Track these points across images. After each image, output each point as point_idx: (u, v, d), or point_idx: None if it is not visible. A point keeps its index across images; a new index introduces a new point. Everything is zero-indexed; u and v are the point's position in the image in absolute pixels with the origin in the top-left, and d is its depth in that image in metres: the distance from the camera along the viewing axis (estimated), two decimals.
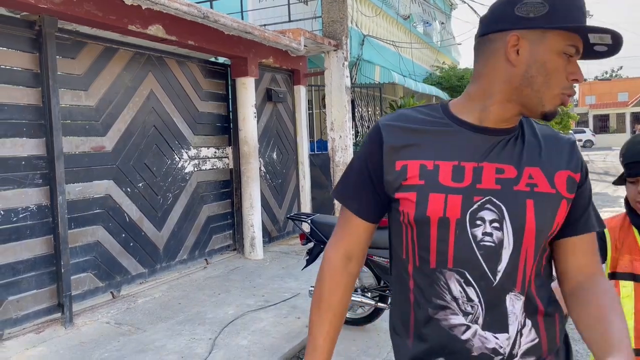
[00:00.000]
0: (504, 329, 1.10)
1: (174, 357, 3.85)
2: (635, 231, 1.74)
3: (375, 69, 10.74)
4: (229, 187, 6.91)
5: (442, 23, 17.94)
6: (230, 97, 6.90)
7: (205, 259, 6.44)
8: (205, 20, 5.37)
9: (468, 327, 1.10)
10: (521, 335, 1.11)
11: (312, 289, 1.35)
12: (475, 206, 1.09)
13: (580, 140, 36.25)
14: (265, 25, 9.11)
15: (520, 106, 1.11)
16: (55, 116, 4.39)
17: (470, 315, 1.10)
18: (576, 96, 47.82)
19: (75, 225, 4.69)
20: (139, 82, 5.49)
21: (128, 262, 5.29)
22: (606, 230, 1.77)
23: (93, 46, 4.96)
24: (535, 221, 1.09)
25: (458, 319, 1.11)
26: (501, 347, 1.10)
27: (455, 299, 1.11)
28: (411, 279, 1.16)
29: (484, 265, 1.09)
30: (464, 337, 1.11)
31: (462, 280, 1.10)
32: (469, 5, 20.55)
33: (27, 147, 4.29)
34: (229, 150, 6.89)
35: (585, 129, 39.88)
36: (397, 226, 1.19)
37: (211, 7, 8.41)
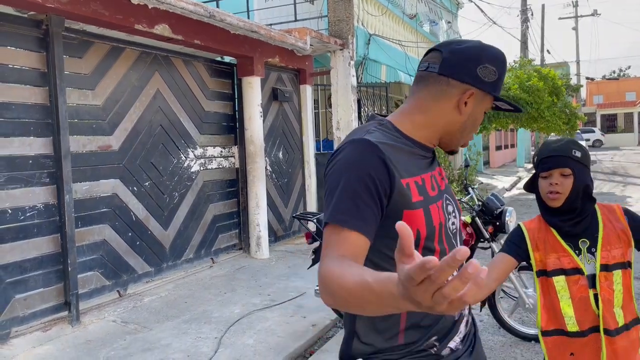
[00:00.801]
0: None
1: (180, 355, 3.86)
2: (554, 231, 1.95)
3: (381, 68, 10.71)
4: (235, 186, 6.91)
5: (449, 22, 17.88)
6: (236, 96, 6.91)
7: (211, 258, 6.45)
8: (211, 19, 5.37)
9: None
10: None
11: (318, 288, 1.27)
12: (447, 206, 1.37)
13: (588, 140, 36.06)
14: (271, 24, 9.11)
15: (441, 139, 1.37)
16: (63, 115, 4.41)
17: None
18: (583, 95, 47.57)
19: (82, 224, 4.71)
20: (146, 82, 5.50)
21: (134, 261, 5.30)
22: (525, 232, 2.00)
23: (100, 45, 4.97)
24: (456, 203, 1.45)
25: None
26: (463, 311, 1.38)
27: None
28: None
29: (454, 245, 1.36)
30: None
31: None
32: (475, 5, 20.45)
33: (34, 146, 4.31)
34: (235, 149, 6.90)
35: (594, 128, 39.64)
36: (392, 244, 1.11)
37: (217, 6, 8.42)
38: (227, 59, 7.07)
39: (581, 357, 1.92)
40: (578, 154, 1.90)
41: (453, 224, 1.38)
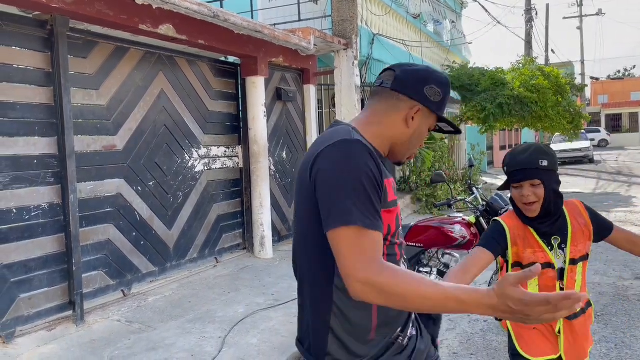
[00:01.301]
0: None
1: (184, 355, 3.87)
2: (531, 229, 2.10)
3: None
4: (238, 186, 6.92)
5: (453, 22, 17.84)
6: (240, 96, 6.91)
7: (215, 258, 6.46)
8: (215, 19, 5.38)
9: None
10: None
11: (358, 289, 1.30)
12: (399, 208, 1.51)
13: (593, 140, 35.93)
14: (275, 24, 9.11)
15: (390, 150, 1.51)
16: (67, 115, 4.42)
17: None
18: (588, 95, 47.38)
19: (87, 224, 4.72)
20: (150, 82, 5.51)
21: (139, 260, 5.31)
22: (506, 229, 2.11)
23: (104, 45, 4.98)
24: None
25: None
26: None
27: None
28: None
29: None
30: None
31: (404, 259, 1.53)
32: (480, 4, 20.41)
33: (39, 145, 4.32)
34: (238, 149, 6.90)
35: (599, 128, 39.47)
36: None
37: (221, 6, 8.43)
38: (231, 59, 7.08)
39: (541, 330, 2.13)
40: (545, 162, 2.02)
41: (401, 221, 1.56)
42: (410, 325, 1.51)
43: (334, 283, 1.36)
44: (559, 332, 2.10)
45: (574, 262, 2.10)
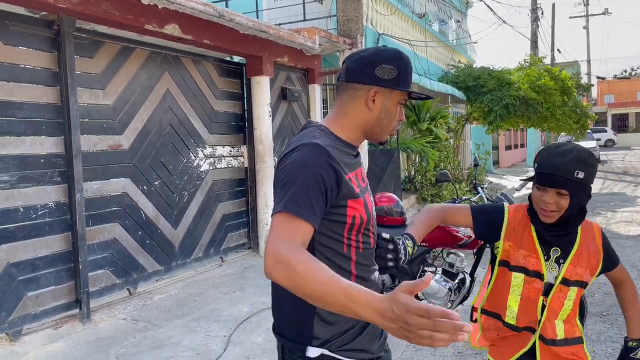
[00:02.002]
0: None
1: (189, 353, 3.88)
2: (533, 230, 1.93)
3: None
4: (244, 185, 6.94)
5: (458, 21, 17.80)
6: (245, 96, 6.93)
7: (221, 257, 6.48)
8: (220, 19, 5.39)
9: (377, 272, 1.66)
10: None
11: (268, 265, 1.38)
12: (372, 196, 1.66)
13: (599, 140, 35.78)
14: (280, 24, 9.12)
15: (366, 135, 1.60)
16: (74, 114, 4.45)
17: (375, 265, 1.65)
18: (594, 95, 47.16)
19: (93, 223, 4.74)
20: (156, 81, 5.54)
21: (144, 259, 5.33)
22: (506, 219, 1.98)
23: (110, 45, 5.01)
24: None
25: (376, 272, 1.65)
26: (384, 280, 1.72)
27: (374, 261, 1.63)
28: (353, 262, 1.55)
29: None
30: (379, 281, 1.65)
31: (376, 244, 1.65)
32: (485, 4, 20.36)
33: (46, 145, 4.35)
34: (244, 149, 6.92)
35: (605, 128, 39.30)
36: (338, 227, 1.50)
37: (226, 6, 8.45)
38: (237, 58, 7.09)
39: (507, 343, 2.00)
40: (581, 175, 1.77)
41: (374, 211, 1.67)
42: None
43: None
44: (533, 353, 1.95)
45: (566, 282, 1.90)
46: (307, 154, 1.44)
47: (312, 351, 1.51)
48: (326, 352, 1.51)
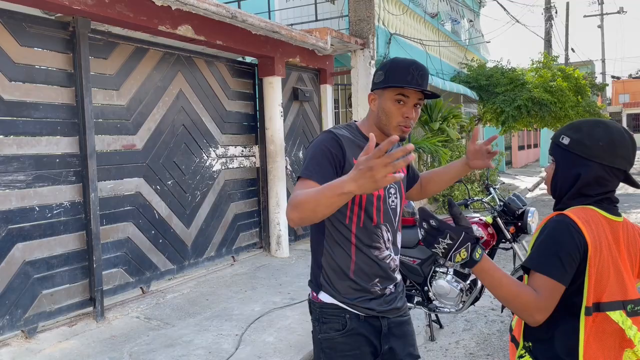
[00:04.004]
0: (397, 253, 2.01)
1: (201, 352, 3.91)
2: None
3: None
4: (255, 185, 6.97)
5: (471, 21, 17.69)
6: (257, 96, 6.95)
7: (232, 256, 6.51)
8: (233, 20, 5.42)
9: (389, 255, 1.95)
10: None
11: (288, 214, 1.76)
12: (389, 188, 1.94)
13: None
14: (292, 24, 9.14)
15: (382, 132, 1.90)
16: (88, 115, 4.50)
17: (389, 249, 1.95)
18: (609, 94, 46.62)
19: (107, 222, 4.80)
20: (169, 82, 5.58)
21: (157, 258, 5.38)
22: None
23: (124, 46, 5.06)
24: (405, 192, 2.09)
25: (385, 252, 1.94)
26: (396, 263, 2.00)
27: (384, 241, 1.93)
28: (354, 236, 1.88)
29: (393, 219, 1.96)
30: (387, 260, 1.94)
31: (387, 229, 1.93)
32: (498, 3, 20.18)
33: (61, 145, 4.41)
34: (255, 149, 6.95)
35: None
36: None
37: (239, 7, 8.49)
38: (249, 59, 7.13)
39: None
40: (566, 140, 1.60)
41: (393, 202, 1.96)
42: (392, 283, 1.97)
43: (324, 233, 1.91)
44: None
45: None
46: (320, 137, 1.88)
47: (323, 295, 1.94)
48: (335, 301, 1.91)
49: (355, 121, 2.00)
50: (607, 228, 1.54)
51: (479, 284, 4.39)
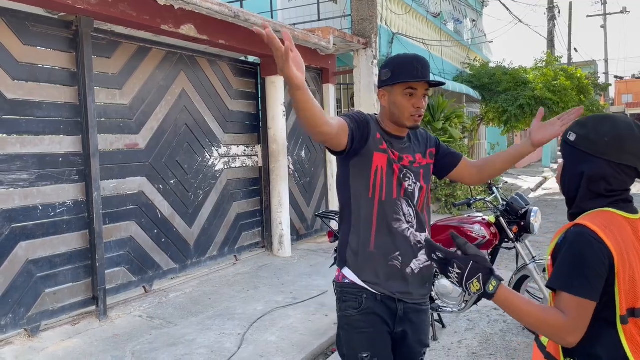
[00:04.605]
0: (424, 230, 2.12)
1: (204, 351, 3.92)
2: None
3: None
4: (258, 185, 6.97)
5: (474, 20, 17.67)
6: (259, 95, 6.96)
7: (235, 256, 6.52)
8: (236, 19, 5.43)
9: (409, 229, 2.07)
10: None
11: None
12: (403, 169, 2.08)
13: None
14: (294, 24, 9.15)
15: (396, 125, 2.07)
16: (91, 114, 4.51)
17: (410, 223, 2.07)
18: (612, 94, 46.51)
19: (110, 221, 4.80)
20: (171, 81, 5.59)
21: (160, 257, 5.39)
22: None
23: (127, 46, 5.07)
24: (423, 178, 2.15)
25: (405, 225, 2.06)
26: (421, 241, 2.08)
27: (404, 215, 2.07)
28: (376, 208, 2.02)
29: (412, 198, 2.08)
30: (407, 234, 2.06)
31: (408, 203, 2.07)
32: (501, 3, 20.17)
33: (64, 144, 4.41)
34: (258, 148, 6.95)
35: None
36: (366, 173, 2.02)
37: (241, 6, 8.49)
38: (251, 58, 7.13)
39: None
40: (572, 137, 1.53)
41: (410, 186, 2.08)
42: (416, 261, 2.06)
43: (351, 209, 2.06)
44: None
45: None
46: (357, 111, 2.10)
47: (346, 271, 2.08)
48: (356, 278, 2.05)
49: (375, 114, 2.18)
50: (628, 229, 1.45)
51: None
